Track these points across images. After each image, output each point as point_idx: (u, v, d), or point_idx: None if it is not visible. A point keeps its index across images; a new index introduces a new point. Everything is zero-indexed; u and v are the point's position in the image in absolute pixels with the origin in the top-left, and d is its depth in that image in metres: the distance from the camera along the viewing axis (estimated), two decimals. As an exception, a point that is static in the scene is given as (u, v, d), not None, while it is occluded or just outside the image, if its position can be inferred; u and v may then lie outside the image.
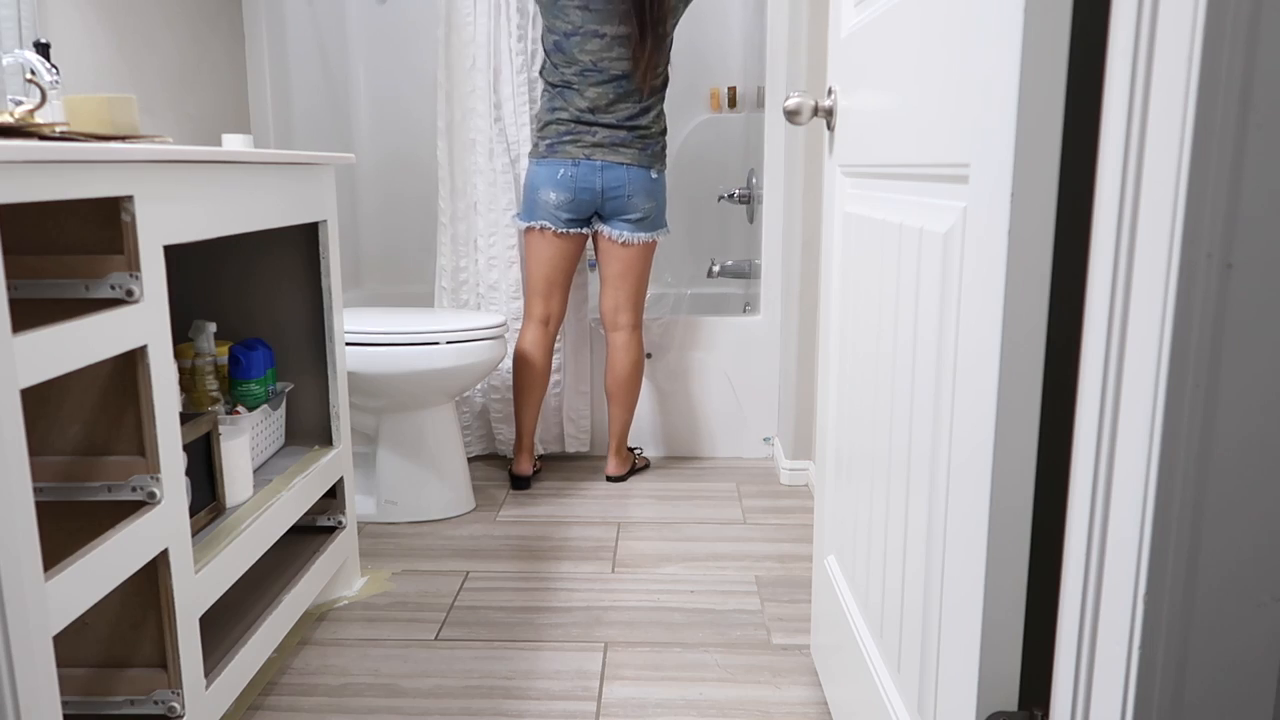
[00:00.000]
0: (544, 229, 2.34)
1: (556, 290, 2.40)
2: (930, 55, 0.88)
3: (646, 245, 2.38)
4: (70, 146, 0.91)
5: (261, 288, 1.72)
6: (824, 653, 1.45)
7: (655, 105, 2.32)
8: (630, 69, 2.24)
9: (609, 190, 2.29)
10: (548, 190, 2.30)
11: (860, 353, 1.20)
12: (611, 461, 2.54)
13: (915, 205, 0.96)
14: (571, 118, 2.27)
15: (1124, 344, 0.56)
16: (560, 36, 2.23)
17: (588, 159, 2.27)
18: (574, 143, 2.27)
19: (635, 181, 2.30)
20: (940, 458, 0.87)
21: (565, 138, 2.28)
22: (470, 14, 2.42)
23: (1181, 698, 0.56)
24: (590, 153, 2.27)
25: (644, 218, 2.33)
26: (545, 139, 2.31)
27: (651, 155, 2.32)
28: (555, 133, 2.29)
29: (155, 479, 1.11)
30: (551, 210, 2.31)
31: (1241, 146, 0.50)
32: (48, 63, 1.43)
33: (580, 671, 1.57)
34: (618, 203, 2.31)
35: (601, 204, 2.31)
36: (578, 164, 2.27)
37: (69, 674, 1.19)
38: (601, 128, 2.27)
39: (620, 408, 2.48)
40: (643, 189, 2.31)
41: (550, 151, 2.30)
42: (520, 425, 2.47)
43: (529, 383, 2.43)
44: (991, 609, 0.76)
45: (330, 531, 1.78)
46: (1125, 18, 0.55)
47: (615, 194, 2.30)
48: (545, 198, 2.31)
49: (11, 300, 1.04)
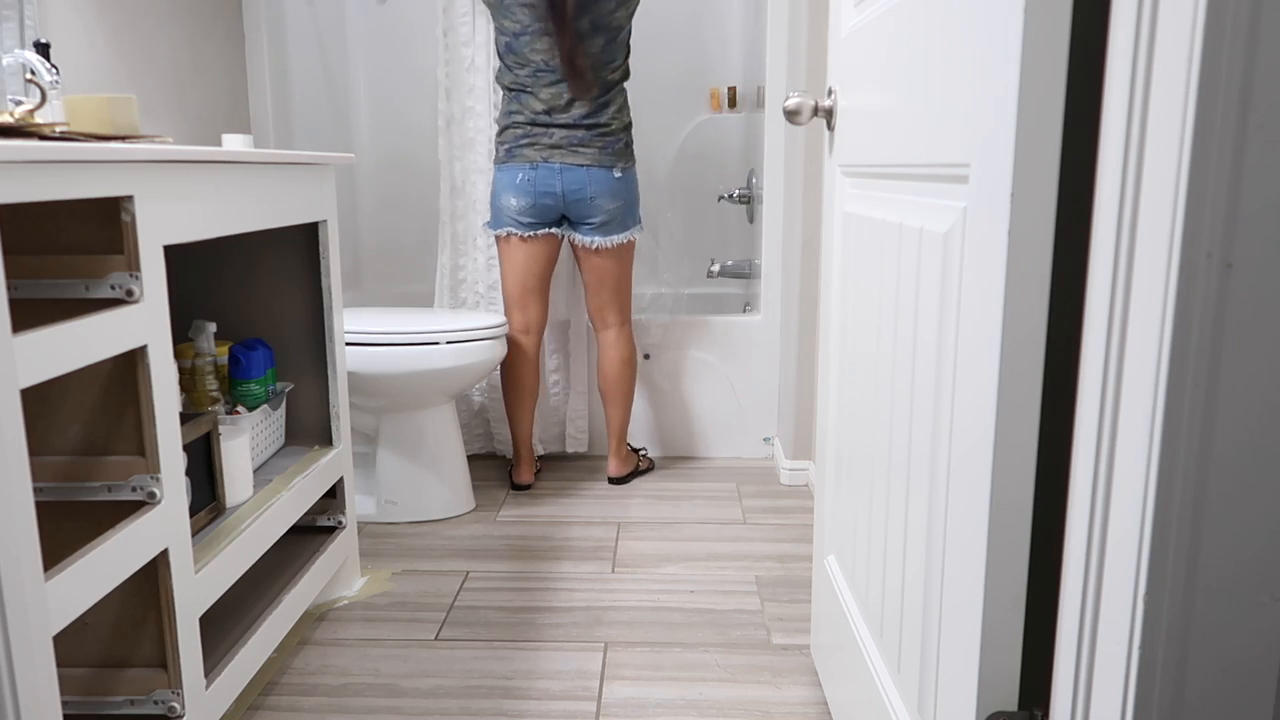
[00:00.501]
0: (510, 235, 2.31)
1: (532, 298, 2.36)
2: (930, 55, 0.88)
3: (620, 247, 2.34)
4: (70, 146, 0.91)
5: (261, 288, 1.72)
6: (824, 653, 1.45)
7: (614, 100, 2.26)
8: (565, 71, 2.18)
9: (570, 193, 2.25)
10: (508, 195, 2.26)
11: (860, 353, 1.20)
12: (612, 462, 2.51)
13: (915, 205, 0.96)
14: (528, 120, 2.23)
15: (1124, 344, 0.56)
16: (510, 37, 2.20)
17: (545, 162, 2.23)
18: (531, 145, 2.23)
19: (597, 183, 2.25)
20: (940, 458, 0.87)
21: (522, 141, 2.24)
22: (468, 14, 2.42)
23: (1181, 698, 0.56)
24: (548, 155, 2.23)
25: (609, 220, 2.29)
26: (504, 143, 2.27)
27: (613, 154, 2.27)
28: (513, 137, 2.25)
29: (155, 479, 1.11)
30: (514, 216, 2.28)
31: (1241, 146, 0.50)
32: (48, 63, 1.43)
33: (580, 671, 1.57)
34: (580, 206, 2.27)
35: (565, 207, 2.28)
36: (536, 167, 2.23)
37: (69, 674, 1.19)
38: (558, 128, 2.23)
39: (615, 406, 2.45)
40: (605, 190, 2.26)
41: (509, 156, 2.26)
42: (516, 436, 2.45)
43: (518, 395, 2.41)
44: (991, 609, 0.76)
45: (330, 531, 1.78)
46: (1125, 18, 0.55)
47: (577, 196, 2.26)
48: (507, 203, 2.27)
49: (11, 300, 1.04)
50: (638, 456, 2.59)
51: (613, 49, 2.23)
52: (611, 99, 2.26)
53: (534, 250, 2.32)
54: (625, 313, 2.42)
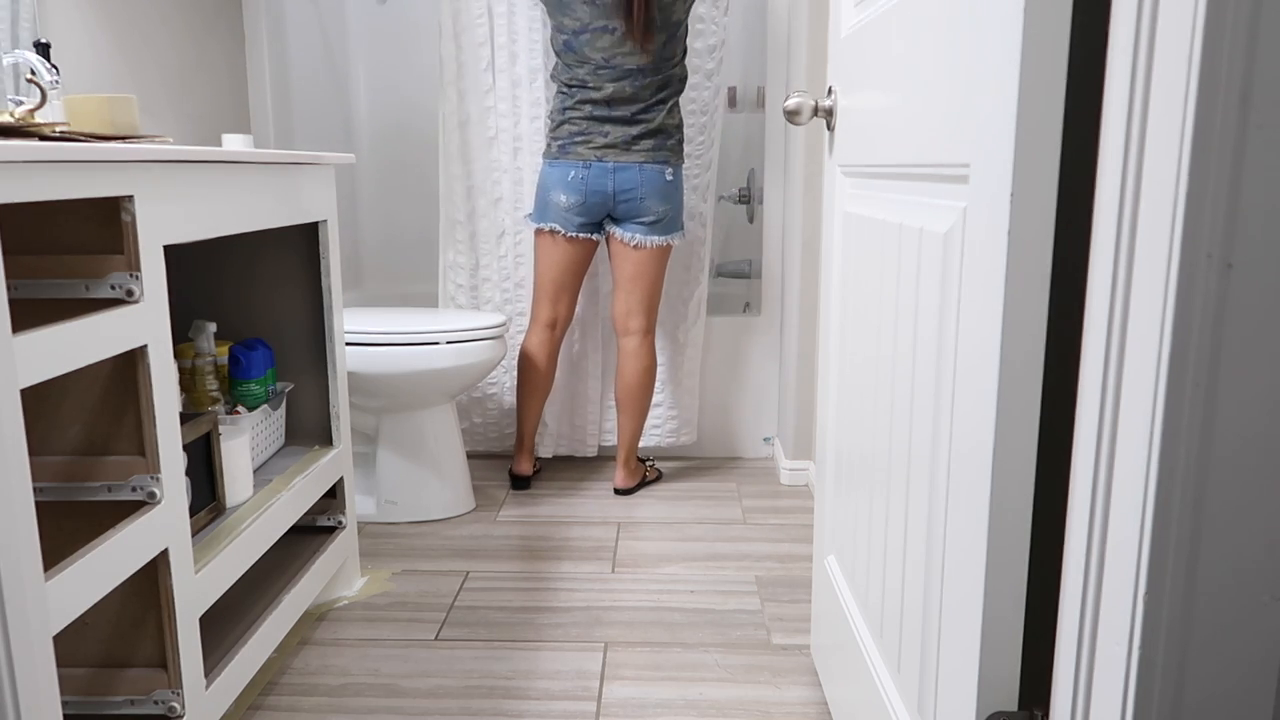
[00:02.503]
0: (554, 231, 2.30)
1: (565, 294, 2.37)
2: (930, 55, 0.88)
3: (660, 249, 2.32)
4: (70, 146, 0.91)
5: (261, 288, 1.72)
6: (824, 653, 1.45)
7: (670, 99, 2.26)
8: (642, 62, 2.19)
9: (621, 193, 2.25)
10: (558, 192, 2.25)
11: (860, 353, 1.20)
12: (619, 473, 2.45)
13: (915, 205, 0.96)
14: (585, 116, 2.22)
15: (1124, 344, 0.56)
16: (570, 35, 2.20)
17: (599, 160, 2.23)
18: (585, 144, 2.23)
19: (648, 184, 2.25)
20: (940, 457, 0.87)
21: (577, 138, 2.23)
22: (483, 15, 2.42)
23: (1181, 698, 0.56)
24: (602, 154, 2.23)
25: (658, 220, 2.28)
26: (557, 139, 2.26)
27: (666, 151, 2.26)
28: (567, 133, 2.24)
29: (155, 479, 1.11)
30: (562, 213, 2.27)
31: (1241, 146, 0.50)
32: (48, 63, 1.43)
33: (580, 671, 1.57)
34: (630, 205, 2.26)
35: (614, 206, 2.27)
36: (589, 166, 2.23)
37: (69, 674, 1.19)
38: (614, 125, 2.22)
39: (629, 417, 2.41)
40: (656, 191, 2.26)
41: (562, 152, 2.25)
42: (521, 426, 2.45)
43: (533, 386, 2.40)
44: (991, 609, 0.76)
45: (330, 531, 1.78)
46: (1125, 18, 0.55)
47: (627, 197, 2.25)
48: (556, 200, 2.26)
49: (11, 300, 1.04)
50: (645, 467, 2.54)
51: (672, 44, 2.22)
52: (668, 97, 2.25)
53: (575, 251, 2.32)
54: (651, 319, 2.38)
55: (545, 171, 2.29)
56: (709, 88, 2.49)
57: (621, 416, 2.42)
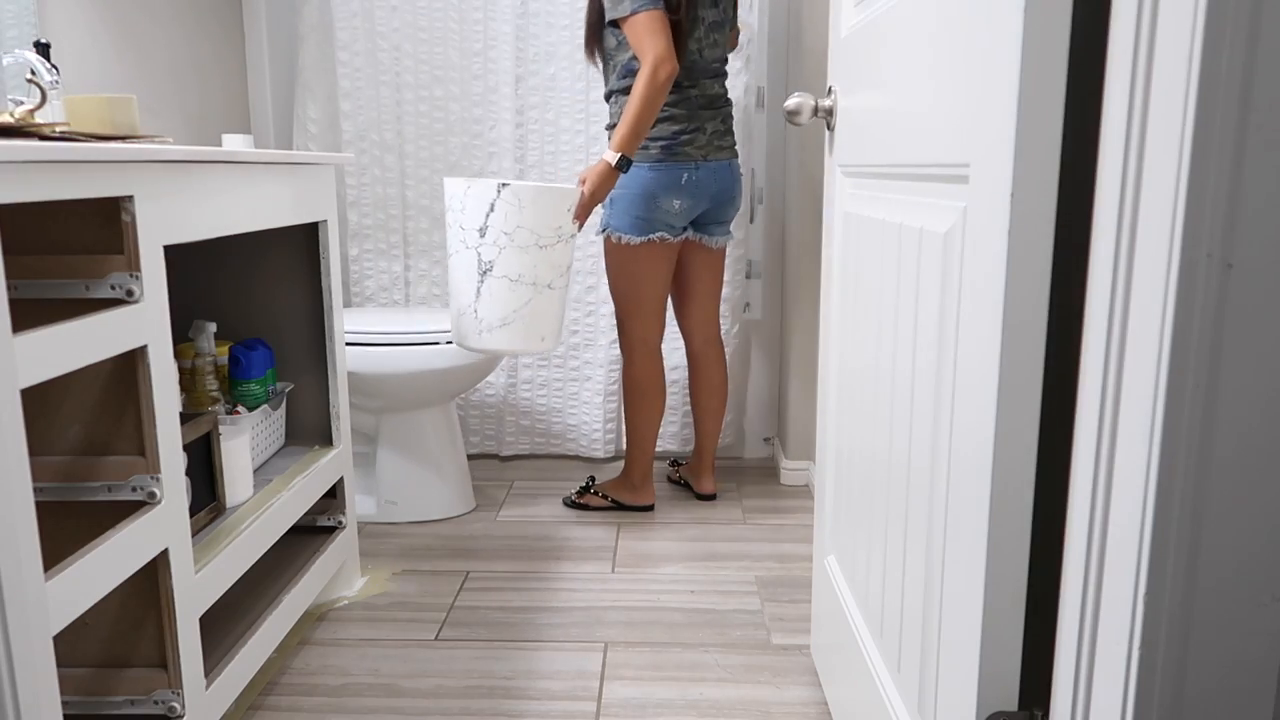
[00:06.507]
0: (663, 240, 2.12)
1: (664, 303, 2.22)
2: (930, 55, 0.88)
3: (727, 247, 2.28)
4: (70, 146, 0.91)
5: (261, 288, 1.72)
6: (824, 653, 1.45)
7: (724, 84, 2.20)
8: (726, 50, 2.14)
9: (722, 191, 2.15)
10: (670, 197, 2.08)
11: (860, 353, 1.20)
12: (707, 480, 2.40)
13: (915, 205, 0.96)
14: (686, 114, 2.09)
15: (1124, 344, 0.56)
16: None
17: (705, 160, 2.10)
18: (690, 143, 2.08)
19: (738, 180, 2.18)
20: (941, 457, 0.87)
21: (681, 138, 2.08)
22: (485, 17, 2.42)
23: (1181, 698, 0.56)
24: (706, 153, 2.09)
25: (731, 219, 2.23)
26: (659, 140, 2.07)
27: (735, 138, 2.21)
28: (670, 132, 2.07)
29: (155, 479, 1.11)
30: (673, 218, 2.11)
31: (1241, 146, 0.50)
32: (48, 63, 1.43)
33: (580, 671, 1.57)
34: (725, 207, 2.18)
35: (712, 207, 2.17)
36: (699, 167, 2.09)
37: (69, 674, 1.19)
38: (708, 117, 2.12)
39: (717, 422, 2.35)
40: (740, 186, 2.19)
41: (667, 154, 2.07)
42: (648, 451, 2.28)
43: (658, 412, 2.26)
44: (991, 609, 0.76)
45: (330, 531, 1.78)
46: (1125, 17, 0.55)
47: (729, 195, 2.17)
48: (668, 205, 2.08)
49: (11, 300, 1.04)
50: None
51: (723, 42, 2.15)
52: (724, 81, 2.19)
53: (675, 254, 2.19)
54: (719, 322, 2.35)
55: (649, 178, 2.08)
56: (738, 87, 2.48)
57: (709, 423, 2.35)
